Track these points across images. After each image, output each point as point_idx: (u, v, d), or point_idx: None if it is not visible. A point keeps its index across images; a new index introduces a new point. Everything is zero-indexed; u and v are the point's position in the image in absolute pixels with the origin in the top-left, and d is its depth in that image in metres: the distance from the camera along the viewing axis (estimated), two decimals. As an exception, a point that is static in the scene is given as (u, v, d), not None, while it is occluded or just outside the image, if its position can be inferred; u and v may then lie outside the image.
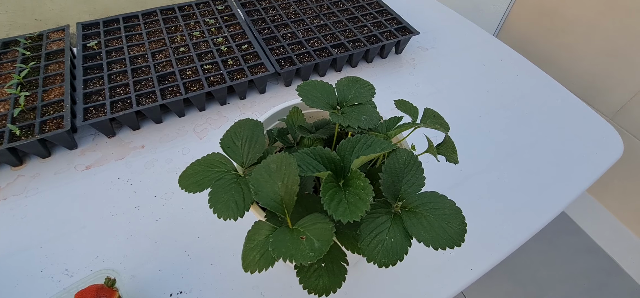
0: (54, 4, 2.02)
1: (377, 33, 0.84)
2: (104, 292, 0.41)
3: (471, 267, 0.54)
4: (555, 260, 1.36)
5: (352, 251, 0.31)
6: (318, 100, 0.38)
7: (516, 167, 0.66)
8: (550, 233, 1.44)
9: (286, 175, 0.30)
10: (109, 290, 0.41)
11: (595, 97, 1.36)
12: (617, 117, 1.32)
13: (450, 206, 0.29)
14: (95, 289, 0.40)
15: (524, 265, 1.35)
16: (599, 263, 1.35)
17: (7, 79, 0.68)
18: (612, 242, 1.39)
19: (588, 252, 1.39)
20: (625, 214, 1.40)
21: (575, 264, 1.36)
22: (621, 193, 1.39)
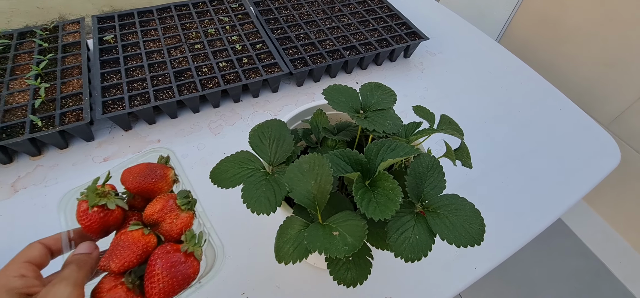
0: (58, -7, 2.01)
1: (387, 37, 0.86)
2: (155, 170, 0.34)
3: (475, 266, 0.56)
4: (547, 261, 1.41)
5: (376, 247, 0.34)
6: (343, 103, 0.41)
7: (519, 172, 0.69)
8: (543, 236, 1.48)
9: (319, 174, 0.32)
10: (162, 167, 0.35)
11: (593, 105, 1.40)
12: (613, 125, 1.36)
13: (471, 208, 0.32)
14: (145, 166, 0.34)
15: (516, 265, 1.39)
16: (589, 266, 1.40)
17: (25, 69, 0.70)
18: (603, 246, 1.44)
19: (579, 255, 1.43)
20: (617, 220, 1.45)
21: (566, 266, 1.40)
22: (613, 200, 1.44)
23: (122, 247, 0.29)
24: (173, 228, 0.31)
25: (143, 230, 0.30)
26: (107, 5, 2.16)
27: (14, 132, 0.60)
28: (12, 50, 0.72)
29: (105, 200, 0.30)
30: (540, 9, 1.48)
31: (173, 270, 0.28)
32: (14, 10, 1.98)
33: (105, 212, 0.30)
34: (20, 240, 0.53)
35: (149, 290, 0.28)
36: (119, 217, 0.31)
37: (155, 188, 0.34)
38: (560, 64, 1.47)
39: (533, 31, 1.54)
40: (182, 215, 0.32)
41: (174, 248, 0.29)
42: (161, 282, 0.27)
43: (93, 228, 0.30)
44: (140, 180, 0.33)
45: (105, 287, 0.28)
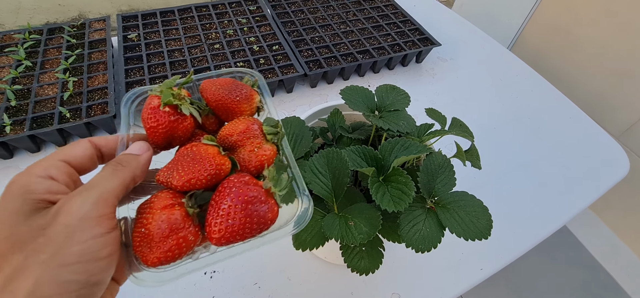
0: (79, -9, 2.07)
1: (400, 42, 0.88)
2: (241, 87, 0.29)
3: (481, 267, 0.58)
4: (554, 271, 1.40)
5: (388, 239, 0.36)
6: (359, 103, 0.43)
7: (526, 178, 0.71)
8: (550, 245, 1.48)
9: (337, 168, 0.34)
10: (248, 87, 0.30)
11: (603, 116, 1.40)
12: (624, 136, 1.35)
13: (479, 204, 0.34)
14: (231, 81, 0.29)
15: (522, 273, 1.39)
16: (596, 278, 1.39)
17: (53, 64, 0.73)
18: (611, 258, 1.43)
19: (586, 266, 1.43)
20: (626, 232, 1.44)
21: (573, 277, 1.39)
22: (622, 211, 1.43)
23: (192, 161, 0.23)
24: (252, 158, 0.25)
25: (219, 149, 0.25)
26: (125, 4, 2.22)
27: (44, 122, 0.63)
28: (42, 45, 0.76)
29: (180, 102, 0.26)
30: (553, 19, 1.48)
31: (249, 208, 0.22)
32: (36, 7, 2.05)
33: (176, 115, 0.25)
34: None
35: (211, 224, 0.22)
36: (189, 129, 0.27)
37: (236, 108, 0.28)
38: (571, 73, 1.47)
39: (545, 40, 1.54)
40: (265, 146, 0.26)
41: (253, 182, 0.23)
42: (231, 217, 0.22)
43: (158, 131, 0.25)
44: (223, 93, 0.28)
45: (159, 204, 0.22)
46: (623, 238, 1.46)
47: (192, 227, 0.23)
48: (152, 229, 0.22)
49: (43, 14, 2.02)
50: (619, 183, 1.26)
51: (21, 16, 1.93)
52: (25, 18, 1.95)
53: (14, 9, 1.88)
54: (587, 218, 1.54)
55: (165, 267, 0.23)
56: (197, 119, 0.27)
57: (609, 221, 1.50)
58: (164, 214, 0.22)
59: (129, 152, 0.25)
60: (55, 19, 2.07)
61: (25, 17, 1.95)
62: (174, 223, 0.22)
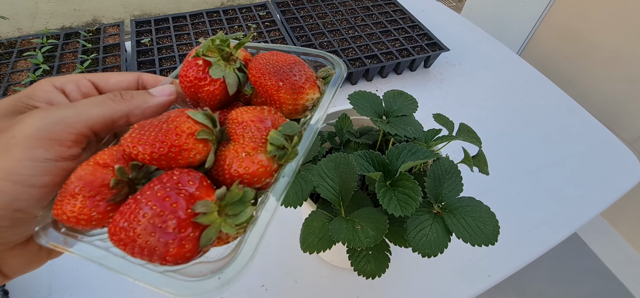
0: (92, -5, 2.12)
1: (408, 47, 0.88)
2: (300, 69, 0.23)
3: (489, 273, 0.57)
4: (564, 279, 1.38)
5: (395, 243, 0.36)
6: (367, 109, 0.43)
7: (535, 184, 0.70)
8: (561, 253, 1.45)
9: (345, 172, 0.34)
10: (309, 71, 0.24)
11: (616, 123, 1.38)
12: (637, 143, 1.33)
13: (486, 210, 0.34)
14: (296, 61, 0.24)
15: (532, 281, 1.37)
16: (609, 287, 1.36)
17: (69, 68, 0.75)
18: (624, 267, 1.40)
19: (598, 275, 1.40)
20: (639, 240, 1.41)
21: (584, 286, 1.37)
22: (636, 220, 1.40)
23: (155, 126, 0.19)
24: (234, 164, 0.19)
25: (201, 129, 0.19)
26: (138, 9, 2.27)
27: (60, 124, 0.65)
28: (59, 49, 0.79)
29: (216, 58, 0.22)
30: (564, 23, 1.47)
31: (153, 222, 0.16)
32: (52, 12, 2.11)
33: (205, 73, 0.21)
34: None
35: (117, 214, 0.17)
36: (215, 94, 0.22)
37: (276, 96, 0.22)
38: (583, 79, 1.45)
39: (556, 45, 1.53)
40: (258, 157, 0.19)
41: (189, 192, 0.17)
42: (131, 220, 0.17)
43: (184, 83, 0.22)
44: (266, 72, 0.22)
45: (101, 156, 0.19)
46: (637, 247, 1.43)
47: (105, 202, 0.18)
48: (71, 178, 0.18)
49: (59, 18, 2.08)
50: (633, 191, 1.23)
51: (38, 20, 1.99)
52: (42, 22, 2.00)
53: (31, 13, 1.94)
54: (600, 227, 1.51)
55: (64, 230, 0.19)
56: (229, 88, 0.22)
57: (623, 230, 1.47)
58: (89, 168, 0.18)
59: (149, 90, 0.22)
60: (70, 23, 2.12)
61: (41, 21, 2.01)
62: (89, 183, 0.18)
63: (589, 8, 1.37)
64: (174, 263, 0.17)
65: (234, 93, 0.23)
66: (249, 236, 0.18)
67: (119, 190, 0.19)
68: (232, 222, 0.17)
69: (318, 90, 0.23)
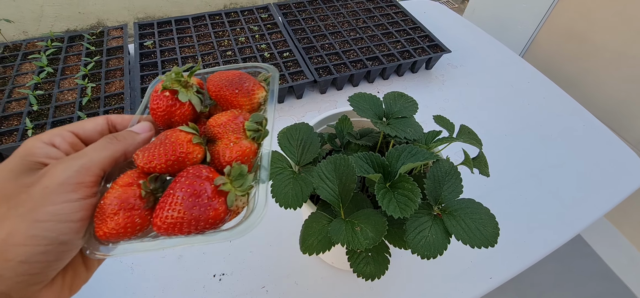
0: None
1: (410, 49, 0.88)
2: (246, 80, 0.29)
3: (490, 276, 0.57)
4: (568, 282, 1.37)
5: (394, 245, 0.36)
6: (367, 110, 0.44)
7: (537, 186, 0.70)
8: (564, 256, 1.45)
9: (344, 174, 0.35)
10: (254, 81, 0.30)
11: (620, 124, 1.37)
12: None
13: (486, 212, 0.34)
14: (238, 74, 0.29)
15: (535, 284, 1.36)
16: (613, 290, 1.35)
17: (73, 70, 0.76)
18: (628, 270, 1.39)
19: (602, 278, 1.39)
20: (644, 243, 1.40)
21: (587, 288, 1.36)
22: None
23: (160, 144, 0.24)
24: (226, 152, 0.25)
25: (193, 136, 0.25)
26: (142, 12, 2.28)
27: (63, 126, 0.66)
28: (63, 52, 0.79)
29: (179, 87, 0.27)
30: (567, 25, 1.46)
31: (192, 202, 0.22)
32: (57, 15, 2.13)
33: (174, 100, 0.26)
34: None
35: (158, 211, 0.22)
36: (186, 115, 0.27)
37: (234, 101, 0.28)
38: (586, 80, 1.45)
39: (558, 47, 1.52)
40: (243, 142, 0.25)
41: (208, 177, 0.23)
42: (173, 208, 0.22)
43: (157, 113, 0.27)
44: (223, 86, 0.28)
45: (123, 180, 0.24)
46: (641, 249, 1.42)
47: (141, 210, 0.23)
48: (105, 203, 0.23)
49: (64, 21, 2.10)
50: (637, 193, 1.22)
51: (43, 23, 2.01)
52: (47, 25, 2.02)
53: (36, 16, 1.96)
54: (604, 229, 1.50)
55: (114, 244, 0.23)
56: (196, 107, 0.28)
57: (627, 232, 1.46)
58: (119, 190, 0.23)
59: (131, 129, 0.27)
60: (75, 26, 2.14)
61: (47, 24, 2.02)
62: (125, 201, 0.23)
63: (593, 9, 1.36)
64: (214, 225, 0.23)
65: (199, 110, 0.29)
66: (256, 193, 0.25)
67: (149, 199, 0.24)
68: (241, 189, 0.24)
69: (264, 89, 0.30)
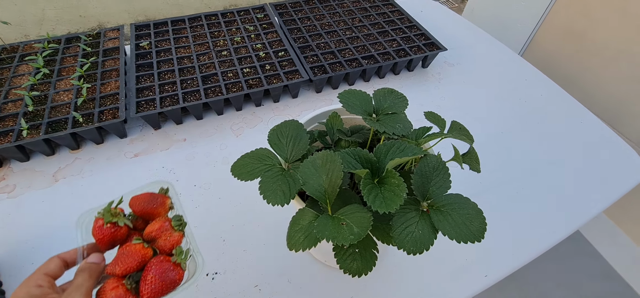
0: (97, 2, 2.16)
1: (405, 47, 0.88)
2: (156, 198, 0.42)
3: (486, 274, 0.57)
4: (570, 281, 1.36)
5: (382, 241, 0.36)
6: (357, 107, 0.43)
7: (535, 183, 0.69)
8: (566, 255, 1.43)
9: (331, 170, 0.34)
10: (161, 196, 0.42)
11: (621, 122, 1.36)
12: (643, 143, 1.31)
13: (473, 207, 0.34)
14: (149, 195, 0.42)
15: (537, 285, 1.35)
16: (615, 289, 1.34)
17: (70, 71, 0.77)
18: (631, 269, 1.37)
19: (604, 277, 1.37)
20: (647, 242, 1.38)
21: (590, 288, 1.34)
22: (643, 220, 1.38)
23: (126, 256, 0.36)
24: (166, 244, 0.38)
25: (143, 244, 0.37)
26: (142, 15, 2.29)
27: (58, 126, 0.66)
28: (59, 53, 0.80)
29: (117, 218, 0.38)
30: (566, 23, 1.45)
31: (163, 275, 0.35)
32: (59, 18, 2.14)
33: (115, 228, 0.38)
34: (59, 225, 0.59)
35: (142, 290, 0.34)
36: (125, 233, 0.39)
37: (155, 212, 0.41)
38: (586, 78, 1.43)
39: (558, 45, 1.51)
40: (174, 234, 0.39)
41: (166, 259, 0.36)
42: (153, 284, 0.34)
43: (104, 241, 0.38)
44: (145, 205, 0.41)
45: (109, 287, 0.34)
46: (644, 248, 1.40)
47: (132, 296, 0.34)
48: None
49: (65, 25, 2.11)
50: (637, 190, 1.21)
51: (45, 27, 2.02)
52: (48, 29, 2.04)
53: (38, 20, 1.98)
54: (605, 227, 1.48)
55: None
56: (130, 226, 0.39)
57: (630, 231, 1.44)
58: (113, 292, 0.34)
59: (90, 260, 0.36)
60: (76, 29, 2.16)
61: (48, 28, 2.04)
62: (119, 296, 0.34)
63: (592, 7, 1.35)
64: (178, 283, 0.36)
65: (131, 227, 0.40)
66: (191, 261, 0.39)
67: (132, 288, 0.34)
68: (185, 258, 0.37)
69: (169, 199, 0.43)
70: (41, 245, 0.56)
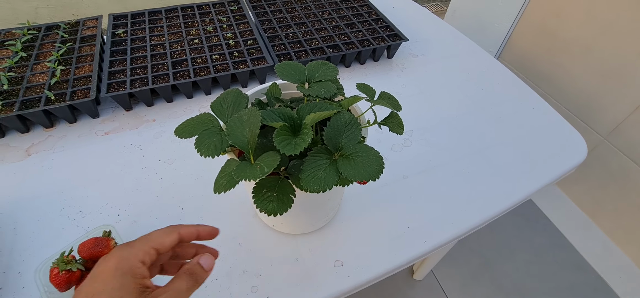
0: (90, 1, 2.22)
1: (370, 38, 0.93)
2: (101, 241, 0.49)
3: (425, 240, 0.60)
4: (542, 272, 1.39)
5: (296, 186, 0.40)
6: (291, 76, 0.48)
7: (484, 161, 0.73)
8: (539, 247, 1.47)
9: (252, 123, 0.39)
10: (105, 239, 0.50)
11: (591, 116, 1.40)
12: (611, 136, 1.35)
13: (375, 154, 0.38)
14: (94, 240, 0.48)
15: (509, 276, 1.38)
16: (587, 280, 1.37)
17: (47, 55, 0.81)
18: (602, 260, 1.41)
19: (576, 268, 1.40)
20: (617, 232, 1.42)
21: (562, 279, 1.38)
22: (613, 212, 1.41)
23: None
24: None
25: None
26: (135, 15, 2.34)
27: (32, 105, 0.71)
28: (39, 40, 0.85)
29: (70, 266, 0.45)
30: (539, 22, 1.51)
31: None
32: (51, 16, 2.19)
33: (70, 273, 0.45)
34: (30, 195, 0.63)
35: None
36: (79, 275, 0.46)
37: (102, 253, 0.48)
38: (559, 75, 1.48)
39: (533, 43, 1.56)
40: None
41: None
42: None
43: (62, 285, 0.45)
44: (91, 250, 0.48)
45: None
46: (615, 240, 1.44)
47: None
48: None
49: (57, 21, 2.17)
50: (609, 184, 1.26)
51: (38, 26, 2.08)
52: (42, 27, 2.09)
53: (31, 18, 2.03)
54: (578, 220, 1.52)
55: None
56: (82, 269, 0.46)
57: (601, 223, 1.48)
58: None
59: (202, 262, 0.35)
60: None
61: (42, 26, 2.09)
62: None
63: (562, 6, 1.40)
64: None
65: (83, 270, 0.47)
66: None
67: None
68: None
69: (112, 240, 0.50)
70: (11, 213, 0.60)
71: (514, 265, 1.41)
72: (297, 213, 0.52)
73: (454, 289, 1.33)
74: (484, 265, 1.40)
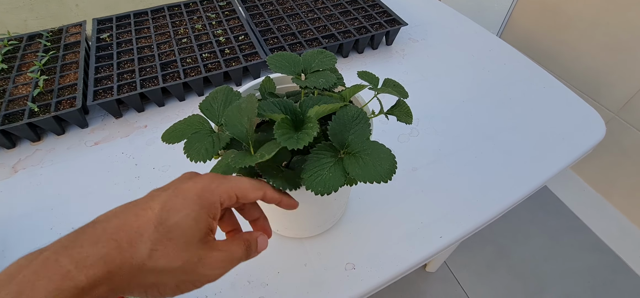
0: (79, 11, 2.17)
1: (367, 25, 0.88)
2: None
3: (441, 235, 0.56)
4: (559, 256, 1.35)
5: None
6: (286, 68, 0.43)
7: (495, 147, 0.69)
8: (554, 230, 1.42)
9: (250, 112, 0.34)
10: None
11: (600, 93, 1.35)
12: (622, 112, 1.30)
13: (386, 152, 0.33)
14: None
15: (526, 260, 1.34)
16: (605, 261, 1.33)
17: (30, 66, 0.77)
18: (619, 240, 1.36)
19: (593, 250, 1.36)
20: (633, 211, 1.38)
21: (579, 261, 1.34)
22: (629, 191, 1.37)
23: None
24: None
25: None
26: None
27: (16, 119, 0.66)
28: (20, 50, 0.80)
29: None
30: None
31: None
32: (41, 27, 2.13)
33: None
34: (19, 214, 0.59)
35: None
36: None
37: None
38: (564, 53, 1.43)
39: (534, 21, 1.51)
40: None
41: None
42: None
43: None
44: None
45: None
46: (632, 218, 1.39)
47: None
48: None
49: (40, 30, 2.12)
50: (623, 162, 1.21)
51: (27, 38, 2.03)
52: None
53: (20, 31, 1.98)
54: (593, 201, 1.47)
55: None
56: None
57: (616, 202, 1.44)
58: None
59: (259, 240, 0.34)
60: (60, 39, 2.16)
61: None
62: None
63: (564, -21, 1.35)
64: None
65: None
66: None
67: None
68: None
69: None
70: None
71: (529, 251, 1.37)
72: (302, 214, 0.48)
73: (469, 279, 1.29)
74: (499, 252, 1.36)
